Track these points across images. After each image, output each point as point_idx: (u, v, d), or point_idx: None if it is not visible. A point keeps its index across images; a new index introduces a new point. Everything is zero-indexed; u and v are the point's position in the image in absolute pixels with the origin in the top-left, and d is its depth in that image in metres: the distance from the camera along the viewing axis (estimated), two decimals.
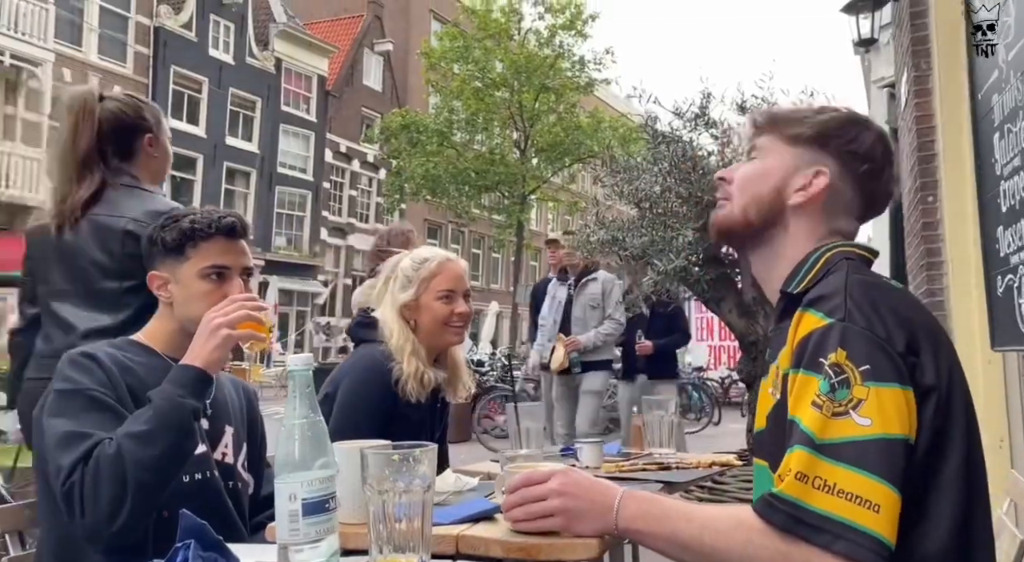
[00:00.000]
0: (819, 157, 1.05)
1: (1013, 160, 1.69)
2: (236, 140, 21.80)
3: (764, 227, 1.06)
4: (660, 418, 2.01)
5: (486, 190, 19.83)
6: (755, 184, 1.07)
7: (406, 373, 1.75)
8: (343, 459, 1.17)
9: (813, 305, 0.94)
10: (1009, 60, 1.69)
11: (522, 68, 18.66)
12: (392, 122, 19.40)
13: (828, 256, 1.01)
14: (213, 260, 1.38)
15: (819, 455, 0.85)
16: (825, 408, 0.86)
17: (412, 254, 1.91)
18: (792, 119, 1.08)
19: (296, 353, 1.46)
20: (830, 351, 0.88)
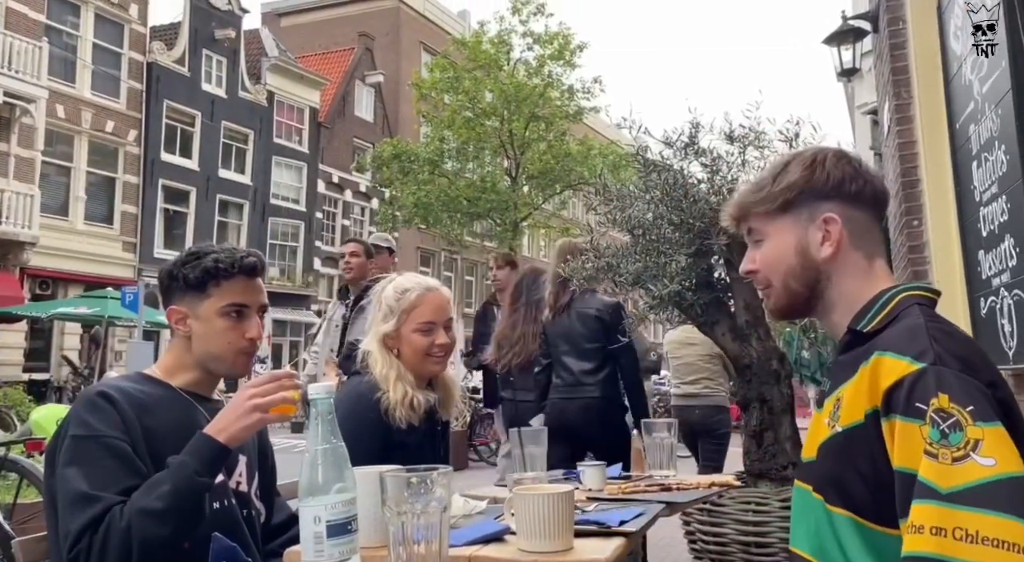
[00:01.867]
0: (813, 206, 1.09)
1: (991, 187, 1.77)
2: (229, 172, 21.90)
3: (812, 289, 1.10)
4: (660, 441, 2.06)
5: (478, 218, 19.95)
6: (780, 261, 1.11)
7: (393, 400, 1.74)
8: (362, 483, 1.21)
9: (893, 349, 0.95)
10: (984, 93, 1.78)
11: (512, 97, 18.90)
12: (383, 152, 19.56)
13: (899, 298, 1.04)
14: (234, 298, 1.43)
15: (950, 505, 0.82)
16: (942, 456, 0.85)
17: (395, 282, 1.90)
18: (763, 196, 1.12)
19: None
20: (931, 396, 0.88)
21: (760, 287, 1.16)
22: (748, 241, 1.16)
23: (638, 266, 3.33)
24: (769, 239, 1.12)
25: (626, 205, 3.62)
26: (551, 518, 1.22)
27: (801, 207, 1.10)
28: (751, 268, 1.15)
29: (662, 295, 3.24)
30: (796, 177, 1.10)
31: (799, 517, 1.07)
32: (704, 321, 3.44)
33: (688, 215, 3.38)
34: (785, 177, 1.11)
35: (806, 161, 1.11)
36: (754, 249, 1.15)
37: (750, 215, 1.14)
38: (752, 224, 1.14)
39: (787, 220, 1.10)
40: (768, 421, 3.40)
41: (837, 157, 1.11)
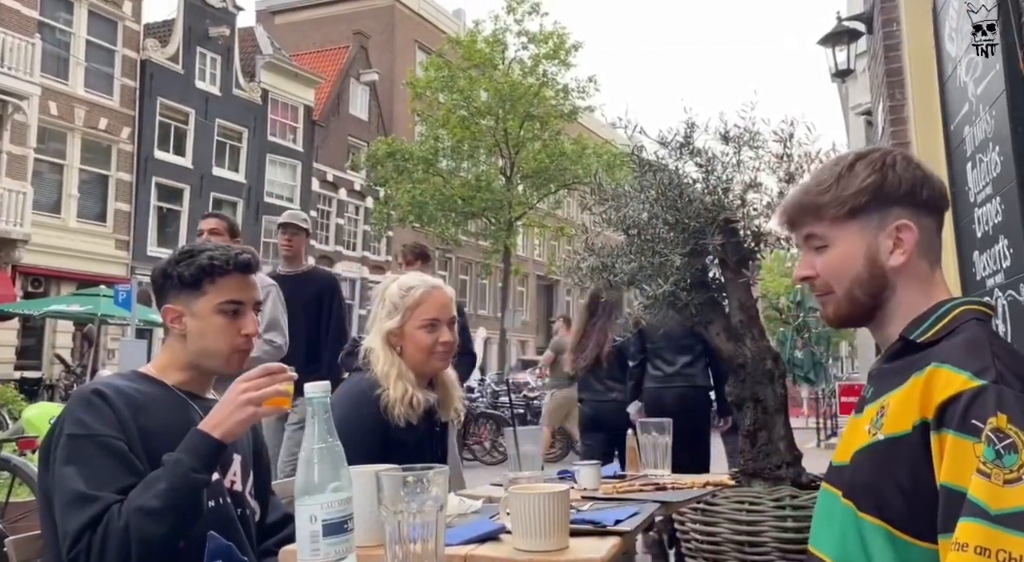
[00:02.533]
0: (884, 212, 1.04)
1: (985, 188, 1.78)
2: (223, 170, 21.83)
3: (876, 299, 1.06)
4: (655, 441, 2.06)
5: (472, 217, 19.95)
6: (846, 269, 1.06)
7: (393, 398, 1.76)
8: (357, 482, 1.21)
9: (952, 362, 0.93)
10: (978, 94, 1.78)
11: (507, 97, 18.90)
12: (378, 150, 19.54)
13: (958, 311, 1.02)
14: (229, 295, 1.42)
15: (998, 527, 0.82)
16: (995, 476, 0.84)
17: (400, 281, 1.92)
18: (828, 200, 1.06)
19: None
20: (989, 415, 0.87)
21: (818, 293, 1.11)
22: (804, 246, 1.11)
23: (633, 266, 3.32)
24: (835, 246, 1.07)
25: (621, 205, 3.61)
26: (546, 517, 1.22)
27: (871, 213, 1.05)
28: (809, 274, 1.10)
29: (657, 295, 3.23)
30: (868, 181, 1.05)
31: (823, 519, 1.06)
32: (698, 321, 3.43)
33: (683, 215, 3.37)
34: (853, 180, 1.05)
35: (875, 163, 1.06)
36: (813, 254, 1.09)
37: (810, 219, 1.08)
38: (813, 229, 1.08)
39: (855, 226, 1.05)
40: (762, 421, 3.39)
41: (907, 160, 1.07)
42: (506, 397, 10.75)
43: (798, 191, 1.13)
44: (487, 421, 10.05)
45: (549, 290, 34.58)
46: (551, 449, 9.81)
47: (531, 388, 11.51)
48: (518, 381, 12.70)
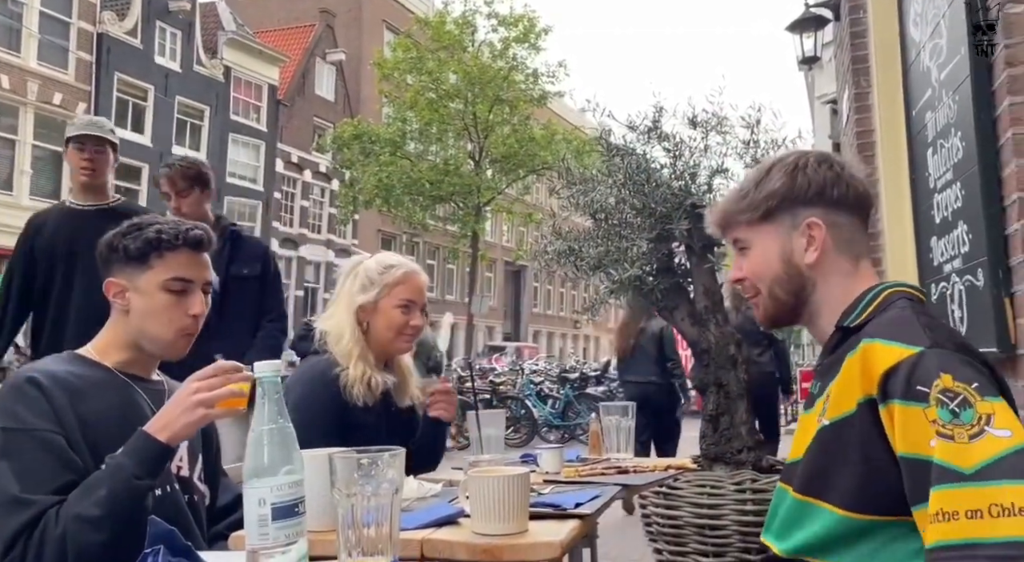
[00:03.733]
0: (795, 213, 1.09)
1: (945, 174, 1.79)
2: (183, 149, 21.28)
3: (798, 296, 1.10)
4: (617, 424, 2.06)
5: (440, 201, 19.80)
6: (766, 269, 1.11)
7: (352, 377, 1.74)
8: (310, 465, 1.17)
9: (882, 336, 0.95)
10: (942, 79, 1.79)
11: (476, 80, 18.72)
12: (344, 132, 19.23)
13: (886, 294, 1.05)
14: (177, 272, 1.35)
15: (980, 483, 0.80)
16: (958, 435, 0.83)
17: (378, 257, 1.90)
18: (746, 205, 1.12)
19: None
20: (933, 378, 0.87)
21: (748, 296, 1.16)
22: (734, 249, 1.17)
23: (600, 250, 3.31)
24: (754, 247, 1.13)
25: (589, 189, 3.59)
26: (506, 500, 1.20)
27: (784, 214, 1.10)
28: (739, 276, 1.15)
29: (623, 279, 3.23)
30: (778, 185, 1.10)
31: (773, 512, 1.10)
32: (664, 306, 3.44)
33: (650, 200, 3.37)
34: (767, 184, 1.11)
35: (787, 167, 1.11)
36: (740, 257, 1.15)
37: (734, 224, 1.14)
38: (737, 233, 1.14)
39: (770, 228, 1.11)
40: (724, 405, 3.41)
41: (818, 162, 1.11)
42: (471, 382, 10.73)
43: (723, 199, 1.19)
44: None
45: (517, 276, 34.60)
46: (517, 433, 9.86)
47: (497, 373, 11.52)
48: (484, 367, 12.70)
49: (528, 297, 35.51)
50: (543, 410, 10.12)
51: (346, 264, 1.95)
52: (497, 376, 11.08)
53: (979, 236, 1.55)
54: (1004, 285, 1.46)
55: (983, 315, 1.54)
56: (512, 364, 13.34)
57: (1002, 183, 1.48)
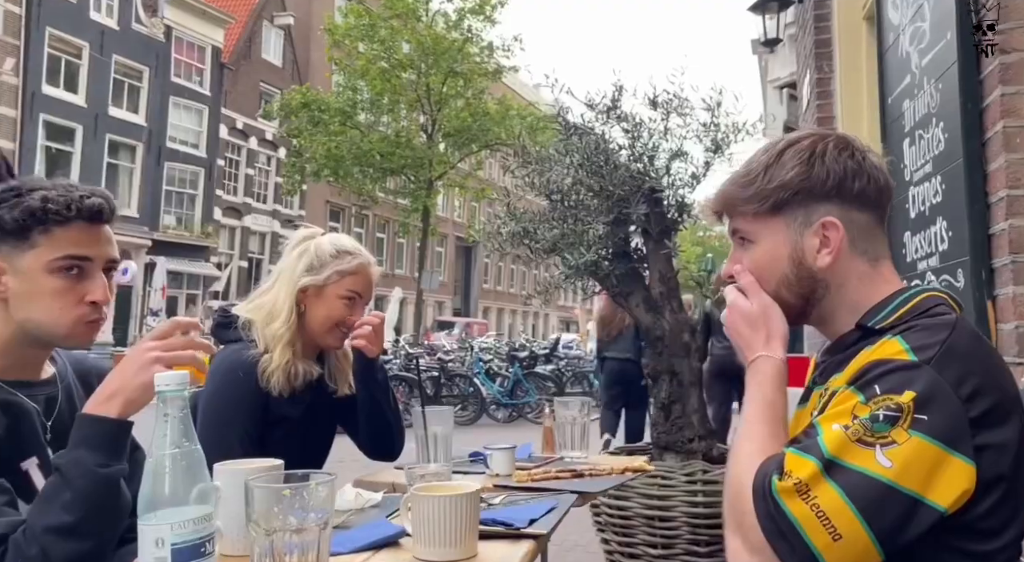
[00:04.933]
0: (810, 208, 0.97)
1: (924, 167, 1.71)
2: (120, 111, 20.37)
3: (807, 300, 0.99)
4: (572, 420, 1.95)
5: (391, 173, 19.42)
6: (772, 269, 1.00)
7: (274, 364, 1.58)
8: (227, 483, 1.03)
9: (904, 334, 0.88)
10: (923, 66, 1.70)
11: (429, 50, 18.32)
12: (292, 99, 18.63)
13: (922, 297, 0.95)
14: (70, 249, 1.12)
15: (826, 475, 0.82)
16: (853, 431, 0.83)
17: (332, 237, 1.73)
18: (754, 193, 0.99)
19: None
20: (900, 390, 0.83)
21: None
22: (732, 239, 1.04)
23: (555, 233, 3.21)
24: (759, 243, 1.00)
25: (545, 168, 3.48)
26: (452, 522, 1.07)
27: (796, 209, 0.97)
28: (734, 271, 1.03)
29: (579, 264, 3.13)
30: (791, 174, 0.97)
31: None
32: (619, 292, 3.36)
33: (608, 182, 3.27)
34: (779, 172, 0.97)
35: (803, 153, 0.97)
36: (740, 249, 1.03)
37: (737, 213, 1.01)
38: (738, 224, 1.02)
39: (780, 223, 0.98)
40: (677, 394, 3.38)
41: (838, 149, 0.97)
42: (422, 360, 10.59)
43: (727, 181, 1.05)
44: (400, 384, 9.88)
45: (468, 252, 34.38)
46: (464, 411, 9.77)
47: (446, 350, 11.38)
48: (433, 345, 12.54)
49: (479, 273, 35.36)
50: (491, 388, 10.04)
51: (295, 236, 1.75)
52: (446, 353, 10.94)
53: (960, 234, 1.47)
54: (987, 287, 1.39)
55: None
56: (461, 341, 13.21)
57: (987, 179, 1.40)
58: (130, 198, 20.77)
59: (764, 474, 0.86)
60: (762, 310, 1.01)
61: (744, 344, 1.02)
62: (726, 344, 6.41)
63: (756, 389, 0.98)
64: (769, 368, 0.98)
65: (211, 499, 0.84)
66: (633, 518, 3.08)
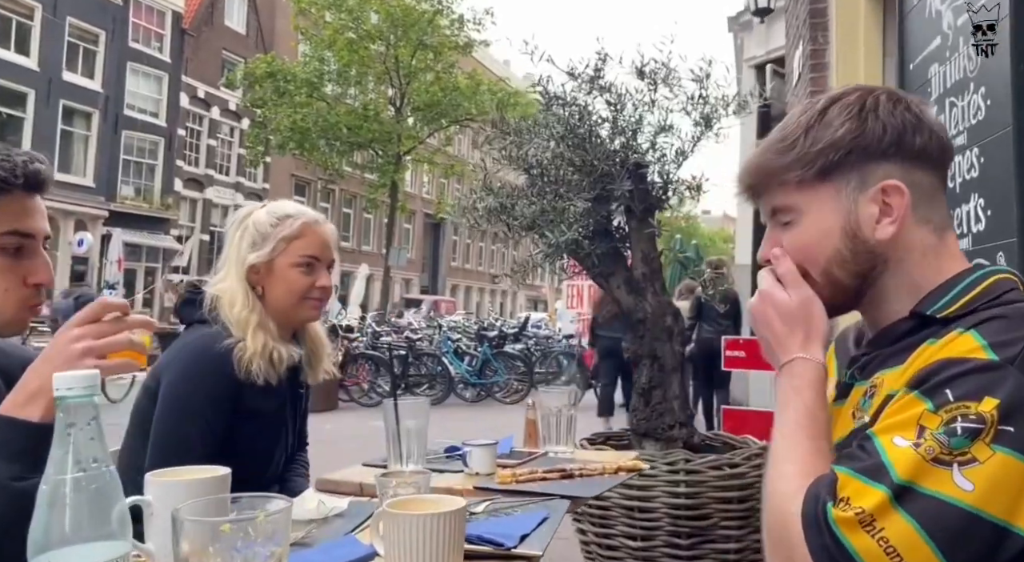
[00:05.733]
0: (865, 170, 0.83)
1: (956, 138, 1.57)
2: (75, 76, 19.55)
3: (865, 278, 0.85)
4: (558, 412, 1.78)
5: (359, 147, 19.00)
6: (820, 248, 0.85)
7: (251, 350, 1.42)
8: (161, 497, 0.84)
9: (981, 328, 0.74)
10: (958, 25, 1.55)
11: (399, 22, 17.88)
12: (256, 68, 18.05)
13: (993, 281, 0.81)
14: (13, 224, 0.97)
15: (898, 506, 0.69)
16: (927, 449, 0.69)
17: (270, 207, 1.56)
18: (794, 158, 0.84)
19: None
20: (978, 396, 0.70)
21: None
22: (770, 221, 0.88)
23: (534, 209, 3.03)
24: (804, 218, 0.85)
25: (523, 141, 3.29)
26: (433, 545, 0.90)
27: (848, 171, 0.82)
28: (773, 255, 0.87)
29: (559, 242, 2.97)
30: (841, 131, 0.82)
31: None
32: (600, 272, 3.20)
33: (591, 156, 3.10)
34: (824, 131, 0.83)
35: (852, 108, 0.83)
36: (779, 231, 0.87)
37: (775, 186, 0.86)
38: (777, 199, 0.86)
39: (829, 190, 0.83)
40: (658, 379, 3.24)
41: (892, 102, 0.83)
42: (388, 337, 10.37)
43: (759, 151, 0.89)
44: (366, 362, 9.67)
45: (436, 228, 34.01)
46: (432, 390, 9.61)
47: (413, 329, 11.17)
48: (400, 323, 12.32)
49: (447, 250, 35.05)
50: (460, 368, 9.88)
51: (236, 216, 1.59)
52: (414, 331, 10.74)
53: (1004, 213, 1.33)
54: None
55: None
56: (429, 320, 13.00)
57: None
58: (85, 167, 20.02)
59: (816, 500, 0.73)
60: (802, 305, 0.85)
61: (776, 342, 0.87)
62: (713, 329, 6.43)
63: (794, 396, 0.83)
64: (810, 373, 0.84)
65: (126, 533, 0.65)
66: (612, 508, 2.95)
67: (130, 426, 1.50)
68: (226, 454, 1.41)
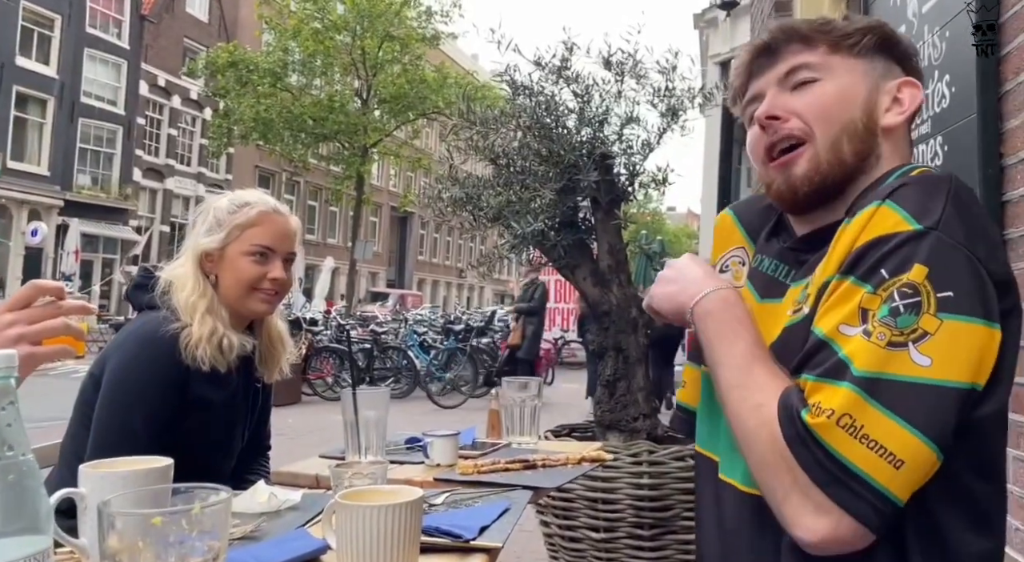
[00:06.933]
0: (890, 64, 0.86)
1: (920, 126, 1.57)
2: (29, 62, 18.94)
3: (863, 161, 0.83)
4: (521, 402, 1.75)
5: (324, 139, 18.75)
6: (843, 108, 0.83)
7: (196, 335, 1.37)
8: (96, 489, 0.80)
9: (896, 198, 0.73)
10: (923, 13, 1.55)
11: (365, 12, 17.67)
12: (219, 57, 17.70)
13: (921, 171, 0.80)
14: None
15: (869, 399, 0.69)
16: (879, 335, 0.69)
17: (234, 194, 1.52)
18: (834, 28, 0.86)
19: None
20: (908, 265, 0.70)
21: (784, 145, 0.85)
22: (777, 85, 0.86)
23: (500, 200, 2.99)
24: (832, 79, 0.83)
25: (490, 130, 3.25)
26: (388, 537, 0.86)
27: (878, 59, 0.85)
28: (780, 114, 0.85)
29: (525, 233, 2.93)
30: (879, 23, 0.86)
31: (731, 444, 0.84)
32: (566, 264, 3.18)
33: (558, 147, 3.08)
34: (858, 22, 0.86)
35: (877, 22, 0.88)
36: (788, 95, 0.85)
37: (800, 47, 0.85)
38: (803, 58, 0.85)
39: (860, 65, 0.84)
40: (623, 370, 3.24)
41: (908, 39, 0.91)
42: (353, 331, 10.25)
43: (786, 22, 0.89)
44: (330, 355, 9.54)
45: (403, 222, 33.75)
46: (398, 384, 9.53)
47: (379, 322, 11.06)
48: (366, 314, 12.20)
49: (414, 244, 34.82)
50: (425, 361, 9.81)
51: (206, 202, 1.55)
52: (379, 325, 10.63)
53: None
54: None
55: None
56: (395, 313, 12.89)
57: (1003, 139, 1.25)
58: (40, 155, 19.43)
59: (790, 414, 0.72)
60: (678, 264, 0.90)
61: (679, 297, 0.87)
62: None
63: (738, 325, 0.81)
64: (729, 295, 0.83)
65: (48, 527, 0.60)
66: (575, 500, 2.94)
67: (74, 414, 1.44)
68: (177, 446, 1.36)
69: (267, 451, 1.72)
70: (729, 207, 1.00)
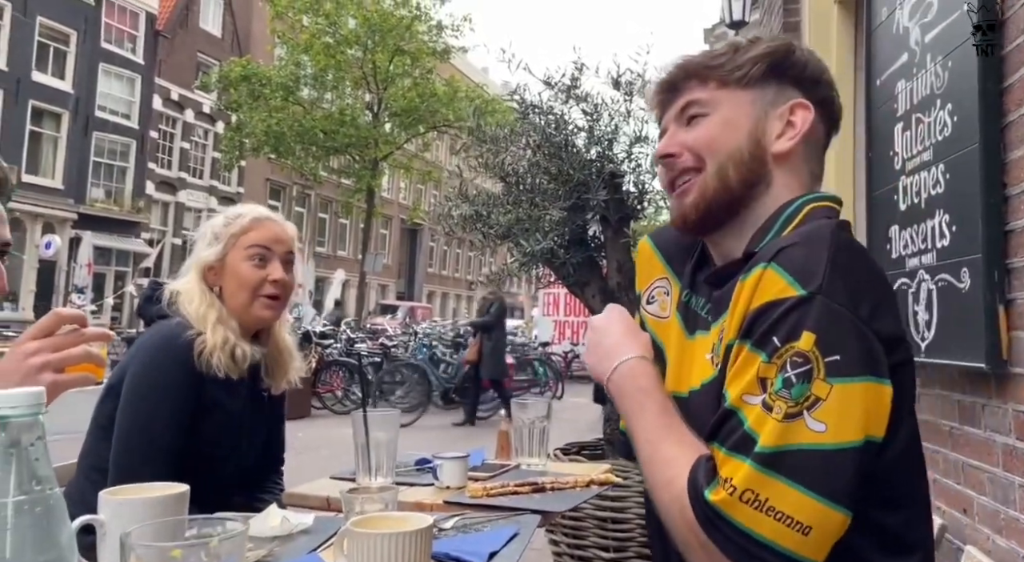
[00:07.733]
0: (782, 89, 0.88)
1: (921, 154, 1.58)
2: (45, 77, 19.21)
3: (749, 189, 0.86)
4: (531, 424, 1.77)
5: (335, 152, 18.87)
6: (725, 141, 0.86)
7: (211, 343, 1.41)
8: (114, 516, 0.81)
9: (781, 261, 0.76)
10: (926, 42, 1.56)
11: (376, 27, 17.82)
12: (232, 71, 17.88)
13: (809, 209, 0.84)
14: None
15: (771, 473, 0.71)
16: (776, 409, 0.72)
17: (232, 209, 1.59)
18: (723, 62, 0.89)
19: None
20: (797, 334, 0.72)
21: (677, 175, 0.90)
22: (675, 121, 0.90)
23: (510, 218, 3.02)
24: (717, 113, 0.88)
25: (500, 149, 3.28)
26: None
27: (767, 86, 0.88)
28: (673, 151, 0.89)
29: (534, 251, 2.96)
30: (770, 49, 0.88)
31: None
32: (575, 281, 3.20)
33: (567, 165, 3.10)
34: (753, 49, 0.89)
35: (779, 40, 0.91)
36: (684, 130, 0.90)
37: (698, 79, 0.89)
38: (696, 93, 0.89)
39: (747, 96, 0.88)
40: None
41: (811, 53, 0.91)
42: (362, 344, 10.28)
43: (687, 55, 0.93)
44: (340, 369, 9.57)
45: (413, 234, 33.87)
46: (406, 399, 9.54)
47: (389, 335, 11.10)
48: (376, 327, 12.24)
49: (424, 256, 34.92)
50: (436, 375, 9.82)
51: (205, 223, 1.60)
52: (389, 338, 10.66)
53: (969, 230, 1.34)
54: (999, 291, 1.26)
55: (964, 322, 1.34)
56: (405, 326, 12.92)
57: (1007, 169, 1.27)
58: (54, 169, 19.66)
59: (696, 493, 0.75)
60: (599, 325, 0.93)
61: (597, 369, 0.91)
62: None
63: (645, 398, 0.85)
64: (636, 366, 0.87)
65: (71, 557, 0.63)
66: (584, 519, 2.94)
67: (92, 427, 1.47)
68: (193, 452, 1.39)
69: (280, 464, 1.74)
70: (648, 236, 1.03)
